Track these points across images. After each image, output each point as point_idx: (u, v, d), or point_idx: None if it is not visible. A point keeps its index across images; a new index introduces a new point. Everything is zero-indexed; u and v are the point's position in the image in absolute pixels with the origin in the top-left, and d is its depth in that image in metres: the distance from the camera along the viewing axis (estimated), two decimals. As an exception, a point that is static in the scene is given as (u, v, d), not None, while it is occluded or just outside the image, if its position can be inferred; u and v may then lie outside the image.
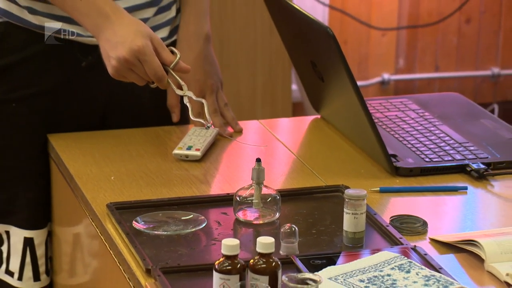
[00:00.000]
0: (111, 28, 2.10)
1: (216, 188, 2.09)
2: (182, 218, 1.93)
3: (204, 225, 1.91)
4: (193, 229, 1.90)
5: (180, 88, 2.13)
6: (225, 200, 1.98)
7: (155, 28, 2.26)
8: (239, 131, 2.27)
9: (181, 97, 2.15)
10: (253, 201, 1.93)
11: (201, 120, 2.15)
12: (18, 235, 2.30)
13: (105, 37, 2.10)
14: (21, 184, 2.29)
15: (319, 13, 4.26)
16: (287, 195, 2.00)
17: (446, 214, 2.04)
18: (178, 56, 2.12)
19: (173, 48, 2.15)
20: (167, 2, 2.32)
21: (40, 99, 2.26)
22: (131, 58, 2.06)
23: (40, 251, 2.30)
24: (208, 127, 2.16)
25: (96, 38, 2.13)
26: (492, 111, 4.26)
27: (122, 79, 2.12)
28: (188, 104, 2.14)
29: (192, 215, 1.93)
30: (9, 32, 2.24)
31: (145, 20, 2.24)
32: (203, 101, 2.16)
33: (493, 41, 4.58)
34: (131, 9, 2.22)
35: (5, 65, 2.25)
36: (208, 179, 2.12)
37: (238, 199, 1.93)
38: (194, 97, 2.14)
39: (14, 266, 2.31)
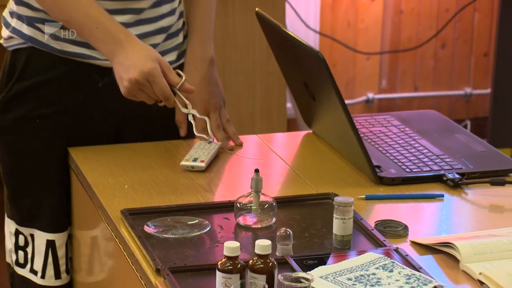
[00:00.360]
0: (124, 53, 2.10)
1: (219, 196, 2.08)
2: (188, 222, 1.92)
3: (208, 229, 1.91)
4: (198, 233, 1.89)
5: (186, 106, 2.14)
6: (227, 207, 1.97)
7: (164, 53, 2.26)
8: (240, 145, 2.27)
9: (187, 114, 2.15)
10: (252, 207, 1.93)
11: (204, 136, 2.15)
12: (41, 237, 2.29)
13: (119, 60, 2.10)
14: (44, 192, 2.29)
15: (311, 39, 4.27)
16: (283, 202, 1.99)
17: (425, 219, 2.04)
18: (184, 78, 2.12)
19: (179, 71, 2.16)
20: (175, 29, 2.32)
21: (61, 116, 2.26)
22: (142, 79, 2.06)
23: (61, 252, 2.30)
24: (210, 141, 2.16)
25: (111, 62, 2.13)
26: (465, 127, 4.26)
27: (134, 98, 2.11)
28: (192, 121, 2.14)
29: (197, 220, 1.93)
30: (33, 56, 2.24)
31: (155, 46, 2.24)
32: (206, 118, 2.16)
33: (465, 64, 4.58)
34: (142, 36, 2.22)
35: (30, 86, 2.25)
36: (212, 188, 2.11)
37: (238, 205, 1.93)
38: (198, 115, 2.14)
39: (38, 265, 2.30)
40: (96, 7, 2.14)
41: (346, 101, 2.14)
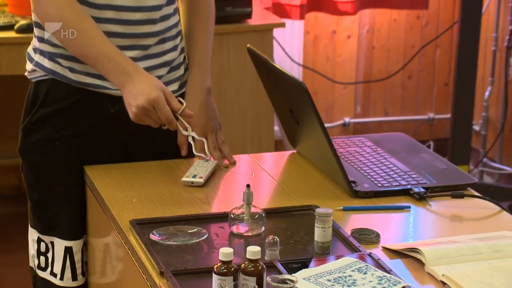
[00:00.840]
0: (132, 83, 2.09)
1: (215, 208, 2.06)
2: (189, 231, 1.91)
3: (205, 236, 1.89)
4: (197, 240, 1.88)
5: (186, 129, 2.13)
6: (222, 217, 1.95)
7: (167, 83, 2.25)
8: (233, 163, 2.26)
9: (188, 136, 2.14)
10: (244, 218, 1.91)
11: (202, 155, 2.15)
12: (60, 244, 2.27)
13: (128, 90, 2.09)
14: (63, 204, 2.27)
15: (295, 71, 4.26)
16: (271, 213, 1.97)
17: (394, 227, 2.02)
18: (184, 105, 2.12)
19: (181, 99, 2.15)
20: (177, 63, 2.31)
21: (78, 138, 2.25)
22: (148, 106, 2.05)
23: (77, 257, 2.28)
24: (207, 160, 2.17)
25: (121, 91, 2.12)
26: (429, 147, 4.26)
27: (141, 123, 2.11)
28: (192, 142, 2.13)
29: (196, 229, 1.91)
30: (54, 87, 2.23)
31: (159, 77, 2.23)
32: (204, 140, 2.16)
33: (428, 93, 4.59)
34: (149, 69, 2.21)
35: (50, 112, 2.24)
36: (209, 200, 2.10)
37: (232, 216, 1.92)
38: (196, 137, 2.14)
39: (57, 269, 2.29)
40: (108, 43, 2.13)
41: (326, 125, 2.13)
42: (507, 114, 4.33)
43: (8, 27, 3.39)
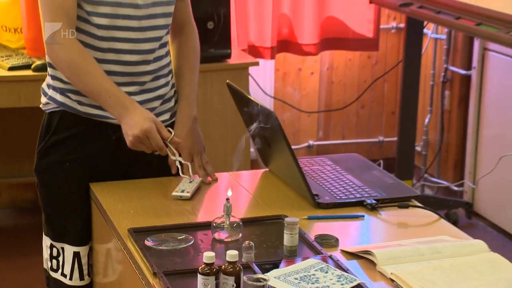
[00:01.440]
0: (129, 116, 2.09)
1: (200, 218, 2.05)
2: (178, 237, 1.90)
3: (192, 242, 1.88)
4: (185, 245, 1.87)
5: (174, 155, 2.14)
6: (206, 226, 1.94)
7: (160, 114, 2.25)
8: (216, 180, 2.25)
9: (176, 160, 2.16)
10: (224, 226, 1.90)
11: (187, 176, 2.17)
12: (69, 250, 2.25)
13: (125, 121, 2.10)
14: (71, 216, 2.25)
15: (267, 102, 4.27)
16: (247, 222, 1.96)
17: (350, 233, 2.01)
18: (173, 134, 2.13)
19: (170, 128, 2.16)
20: (168, 97, 2.30)
21: (85, 160, 2.23)
22: (142, 135, 2.06)
23: (84, 260, 2.26)
24: (191, 181, 2.17)
25: (119, 122, 2.12)
26: (379, 165, 4.26)
27: (137, 149, 2.11)
28: (179, 166, 2.15)
29: (184, 236, 1.90)
30: (64, 117, 2.21)
31: (153, 109, 2.22)
32: (189, 164, 2.17)
33: (378, 120, 4.60)
34: (144, 102, 2.21)
35: (61, 138, 2.22)
36: (195, 212, 2.08)
37: (214, 224, 1.91)
38: (182, 161, 2.15)
39: (67, 270, 2.26)
40: (109, 81, 2.13)
41: (293, 147, 2.13)
42: (443, 137, 4.35)
43: (26, 66, 3.38)
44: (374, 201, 2.10)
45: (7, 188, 4.08)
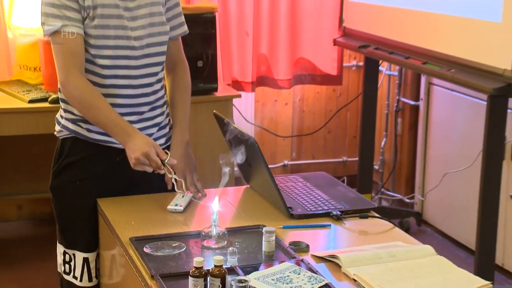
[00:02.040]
0: (131, 141, 2.08)
1: (192, 228, 2.02)
2: (172, 245, 1.88)
3: (184, 249, 1.86)
4: (178, 251, 1.85)
5: (170, 173, 2.13)
6: (197, 235, 1.93)
7: (157, 139, 2.23)
8: (205, 195, 2.23)
9: (172, 177, 2.14)
10: (212, 235, 1.89)
11: (180, 192, 2.15)
12: (80, 256, 2.23)
13: (128, 146, 2.09)
14: (81, 227, 2.23)
15: (248, 129, 4.26)
16: (231, 231, 1.95)
17: (319, 240, 2.00)
18: (169, 155, 2.12)
19: (166, 151, 2.15)
20: (164, 124, 2.29)
21: (93, 179, 2.21)
22: (142, 158, 2.06)
23: (92, 265, 2.23)
24: (184, 195, 2.16)
25: (123, 146, 2.11)
26: (343, 181, 4.25)
27: (139, 169, 2.10)
28: (174, 182, 2.14)
29: (177, 243, 1.88)
30: (75, 142, 2.20)
31: (151, 134, 2.21)
32: (182, 181, 2.16)
33: (342, 143, 4.60)
34: (143, 129, 2.20)
35: (73, 161, 2.21)
36: (187, 222, 2.06)
37: (203, 233, 1.90)
38: (177, 178, 2.14)
39: (77, 273, 2.23)
40: (114, 113, 2.12)
41: (270, 166, 2.13)
42: (397, 157, 4.36)
43: (44, 99, 3.37)
44: (339, 213, 2.09)
45: (27, 202, 4.05)
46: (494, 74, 2.81)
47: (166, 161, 2.10)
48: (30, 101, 3.35)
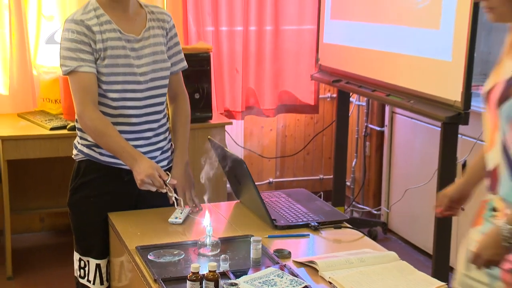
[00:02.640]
0: (137, 165, 2.07)
1: (190, 238, 2.01)
2: (173, 253, 1.86)
3: (183, 256, 1.85)
4: (178, 258, 1.84)
5: (171, 192, 2.11)
6: (194, 244, 1.91)
7: (159, 161, 2.22)
8: (201, 209, 2.21)
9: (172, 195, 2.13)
10: (207, 244, 1.87)
11: (179, 208, 2.14)
12: (93, 262, 2.20)
13: (135, 169, 2.08)
14: (94, 237, 2.21)
15: (239, 151, 4.25)
16: (224, 240, 1.94)
17: (300, 248, 1.99)
18: (169, 177, 2.11)
19: (168, 172, 2.13)
20: (166, 148, 2.28)
21: (104, 196, 2.19)
22: (147, 179, 2.05)
23: (104, 270, 2.21)
24: (182, 211, 2.14)
25: (131, 169, 2.10)
26: (320, 197, 4.24)
27: (144, 188, 2.08)
28: (175, 200, 2.12)
29: (177, 251, 1.87)
30: (89, 164, 2.19)
31: (154, 157, 2.20)
32: (181, 199, 2.14)
33: (319, 163, 4.60)
34: (148, 152, 2.19)
35: (87, 180, 2.19)
36: (186, 233, 2.05)
37: (199, 243, 1.88)
38: (177, 196, 2.12)
39: (91, 277, 2.21)
40: (123, 140, 2.11)
41: (257, 183, 2.13)
42: (365, 175, 4.35)
43: (63, 127, 3.36)
44: (316, 224, 2.08)
45: (49, 216, 4.01)
46: (446, 105, 2.82)
47: (167, 181, 2.09)
48: (51, 129, 3.34)
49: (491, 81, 1.68)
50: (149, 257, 1.83)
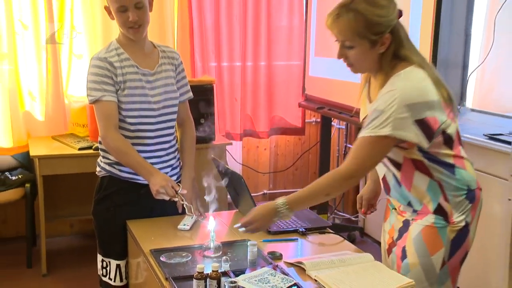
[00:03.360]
0: (153, 178, 2.05)
1: (196, 242, 1.97)
2: (182, 255, 1.83)
3: (190, 258, 1.82)
4: (186, 260, 1.80)
5: (182, 201, 2.08)
6: (199, 247, 1.88)
7: (170, 176, 2.20)
8: (205, 217, 2.18)
9: (183, 204, 2.09)
10: (210, 247, 1.84)
11: (190, 214, 2.11)
12: (113, 263, 2.17)
13: (151, 182, 2.05)
14: (115, 242, 2.18)
15: (237, 167, 4.23)
16: (225, 244, 1.91)
17: (290, 250, 1.95)
18: (181, 187, 2.08)
19: (179, 183, 2.11)
20: (175, 166, 2.26)
21: (124, 207, 2.17)
22: (161, 190, 2.02)
23: (123, 269, 2.17)
24: (192, 217, 2.12)
25: (147, 181, 2.07)
26: (307, 204, 4.20)
27: (159, 198, 2.06)
28: (185, 207, 2.09)
29: (185, 254, 1.84)
30: (111, 179, 2.17)
31: (166, 172, 2.18)
32: (191, 206, 2.11)
33: (306, 177, 4.58)
34: (161, 168, 2.16)
35: (108, 193, 2.17)
36: (193, 237, 2.01)
37: (204, 246, 1.85)
38: (187, 204, 2.09)
39: (112, 275, 2.18)
40: (140, 157, 2.10)
41: (253, 194, 2.11)
42: (345, 187, 4.33)
43: (89, 147, 3.34)
44: (304, 229, 2.06)
45: (77, 222, 3.98)
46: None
47: (179, 191, 2.06)
48: (80, 149, 3.32)
49: (362, 112, 1.85)
50: (161, 258, 1.80)
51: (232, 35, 4.02)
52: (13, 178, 3.49)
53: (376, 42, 1.60)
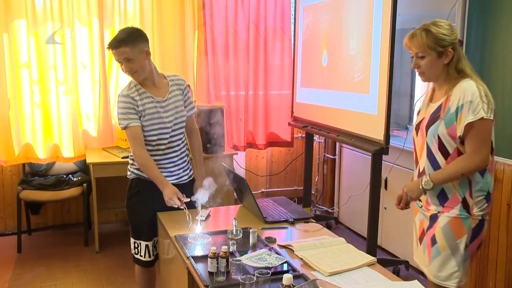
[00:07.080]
0: (165, 189, 2.05)
1: (211, 228, 1.94)
2: (203, 237, 1.79)
3: (210, 239, 1.78)
4: (204, 241, 1.77)
5: (185, 209, 2.03)
6: (211, 233, 1.84)
7: (182, 177, 2.18)
8: (210, 210, 2.15)
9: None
10: (232, 234, 1.82)
11: (190, 221, 2.02)
12: (143, 244, 2.16)
13: (164, 192, 2.05)
14: (143, 228, 2.16)
15: (241, 172, 4.21)
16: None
17: (282, 236, 1.93)
18: (184, 197, 2.04)
19: (184, 195, 2.06)
20: (187, 167, 2.24)
21: (149, 202, 2.15)
22: (169, 200, 2.01)
23: (151, 248, 2.16)
24: (207, 212, 2.09)
25: (162, 190, 2.06)
26: (295, 201, 4.18)
27: (169, 205, 2.04)
28: (187, 216, 2.01)
29: (206, 236, 1.80)
30: (138, 181, 2.17)
31: (178, 174, 2.18)
32: (190, 215, 2.03)
33: (293, 179, 4.55)
34: (174, 171, 2.16)
35: (137, 191, 2.17)
36: (207, 226, 1.97)
37: (229, 231, 1.84)
38: (189, 214, 2.02)
39: (142, 253, 2.17)
40: (158, 171, 2.09)
41: (253, 192, 2.08)
42: (324, 186, 4.30)
43: (127, 156, 3.32)
44: (292, 220, 2.05)
45: (120, 212, 3.96)
46: (374, 142, 2.81)
47: (183, 200, 2.04)
48: (122, 157, 3.31)
49: (419, 118, 1.80)
50: (183, 241, 1.78)
51: (238, 71, 4.05)
52: (74, 179, 3.59)
53: (442, 54, 1.66)
